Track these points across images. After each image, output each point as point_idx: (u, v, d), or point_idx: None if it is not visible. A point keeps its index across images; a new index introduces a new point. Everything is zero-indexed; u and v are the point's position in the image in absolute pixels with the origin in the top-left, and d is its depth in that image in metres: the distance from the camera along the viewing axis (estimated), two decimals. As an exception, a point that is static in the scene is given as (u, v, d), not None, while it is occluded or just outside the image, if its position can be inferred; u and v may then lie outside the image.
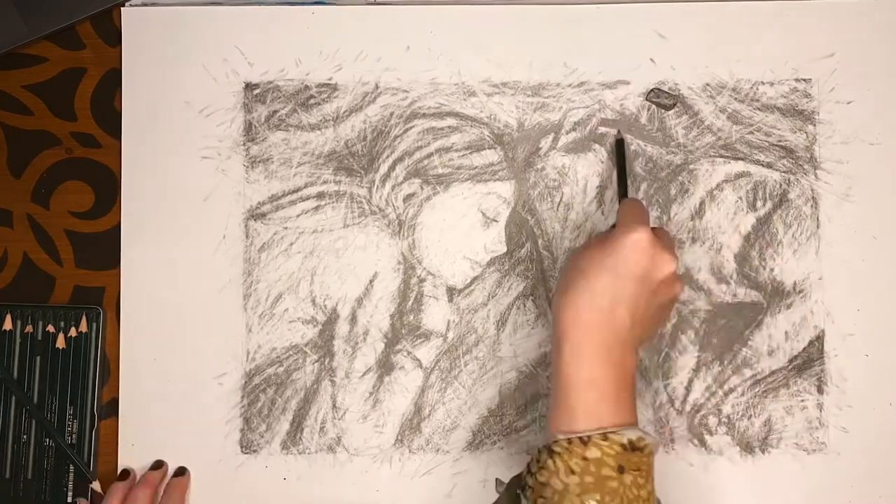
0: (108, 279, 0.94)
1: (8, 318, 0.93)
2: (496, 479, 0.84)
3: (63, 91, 0.96)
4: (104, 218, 0.95)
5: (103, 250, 0.95)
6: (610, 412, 0.74)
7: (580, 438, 0.73)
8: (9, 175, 0.96)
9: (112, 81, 0.96)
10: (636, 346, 0.78)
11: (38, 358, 0.93)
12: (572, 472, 0.72)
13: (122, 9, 0.96)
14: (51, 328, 0.93)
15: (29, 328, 0.93)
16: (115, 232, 0.94)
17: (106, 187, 0.95)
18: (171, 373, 0.93)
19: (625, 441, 0.73)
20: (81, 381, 0.93)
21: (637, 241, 0.77)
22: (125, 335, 0.93)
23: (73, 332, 0.93)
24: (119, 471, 0.92)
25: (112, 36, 0.96)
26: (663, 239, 0.81)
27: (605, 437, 0.73)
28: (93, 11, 0.96)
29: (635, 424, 0.76)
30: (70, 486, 0.92)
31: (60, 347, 0.93)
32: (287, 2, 0.96)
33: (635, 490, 0.72)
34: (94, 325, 0.93)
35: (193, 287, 0.94)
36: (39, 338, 0.93)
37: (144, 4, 0.96)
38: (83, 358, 0.93)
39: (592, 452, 0.72)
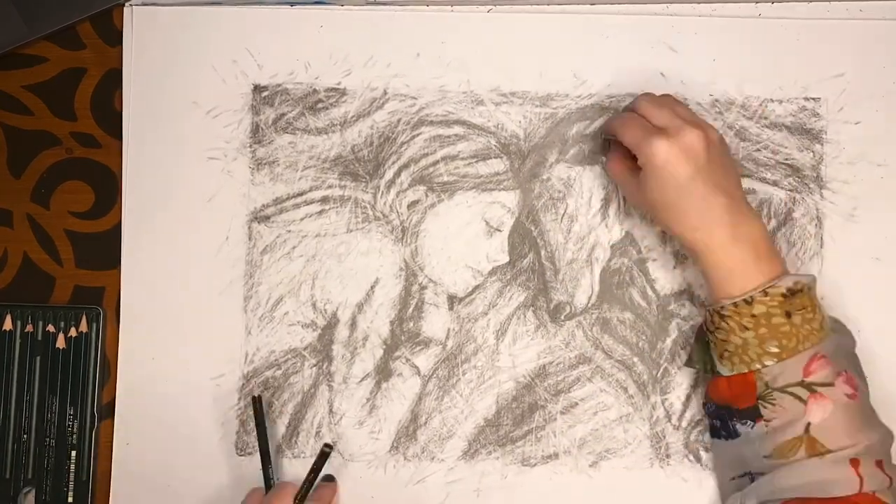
0: (108, 279, 0.94)
1: (8, 318, 0.93)
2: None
3: (63, 91, 0.96)
4: (104, 218, 0.95)
5: (103, 250, 0.94)
6: (762, 268, 0.81)
7: (744, 300, 0.79)
8: (9, 175, 0.95)
9: (112, 81, 0.95)
10: (744, 199, 0.83)
11: (38, 358, 0.92)
12: (746, 328, 0.79)
13: (123, 8, 0.95)
14: (51, 328, 0.92)
15: (29, 328, 0.93)
16: (115, 232, 0.94)
17: (106, 187, 0.95)
18: (170, 373, 0.93)
19: (783, 290, 0.79)
20: (81, 381, 0.92)
21: (662, 158, 0.81)
22: (125, 335, 0.93)
23: (73, 332, 0.92)
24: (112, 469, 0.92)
25: (112, 36, 0.96)
26: (664, 120, 0.83)
27: (765, 292, 0.79)
28: (93, 11, 0.95)
29: (785, 272, 0.82)
30: (70, 486, 0.92)
31: (60, 347, 0.92)
32: (288, 2, 0.95)
33: (806, 325, 0.80)
34: (94, 325, 0.93)
35: (194, 288, 0.93)
36: (39, 338, 0.93)
37: (145, 4, 0.95)
38: (83, 358, 0.93)
39: (758, 309, 0.79)
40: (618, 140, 0.86)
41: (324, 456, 0.86)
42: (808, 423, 0.78)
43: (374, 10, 0.95)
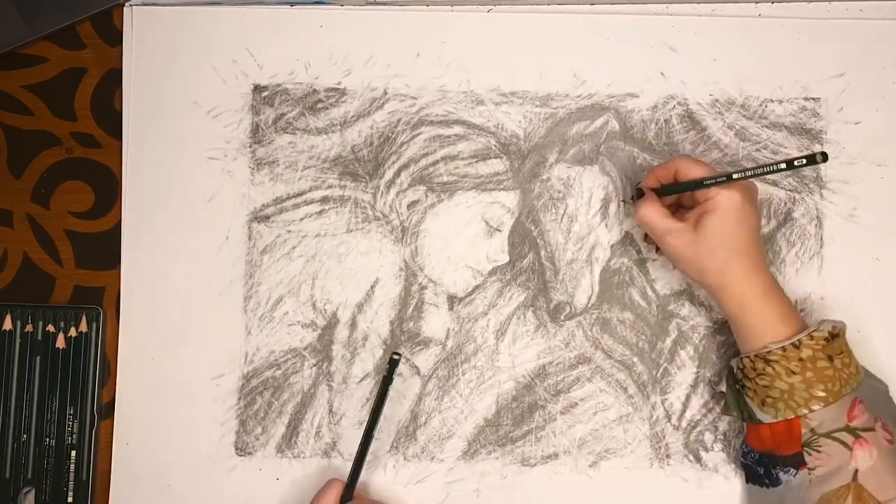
0: (108, 279, 0.94)
1: (8, 318, 0.93)
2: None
3: (63, 91, 0.96)
4: (104, 218, 0.95)
5: (103, 250, 0.94)
6: (791, 315, 0.83)
7: (793, 344, 0.81)
8: (9, 175, 0.95)
9: (112, 81, 0.96)
10: (761, 266, 0.84)
11: (38, 358, 0.92)
12: (793, 373, 0.80)
13: (123, 8, 0.95)
14: (51, 328, 0.92)
15: (29, 328, 0.93)
16: (115, 232, 0.94)
17: (106, 187, 0.95)
18: (169, 373, 0.93)
19: (826, 334, 0.81)
20: (81, 381, 0.92)
21: (738, 201, 0.82)
22: (125, 335, 0.93)
23: (73, 332, 0.92)
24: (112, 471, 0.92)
25: (112, 36, 0.96)
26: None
27: (810, 336, 0.81)
28: (93, 11, 0.95)
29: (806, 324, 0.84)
30: (70, 486, 0.92)
31: (60, 347, 0.92)
32: (288, 2, 0.95)
33: (846, 369, 0.81)
34: (94, 325, 0.93)
35: (194, 287, 0.93)
36: (39, 338, 0.93)
37: (145, 4, 0.95)
38: (83, 358, 0.93)
39: (805, 352, 0.80)
40: (652, 190, 0.86)
41: (393, 364, 0.85)
42: (856, 471, 0.79)
43: (374, 10, 0.95)
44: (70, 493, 0.92)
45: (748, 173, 0.81)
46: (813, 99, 0.94)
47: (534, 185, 0.94)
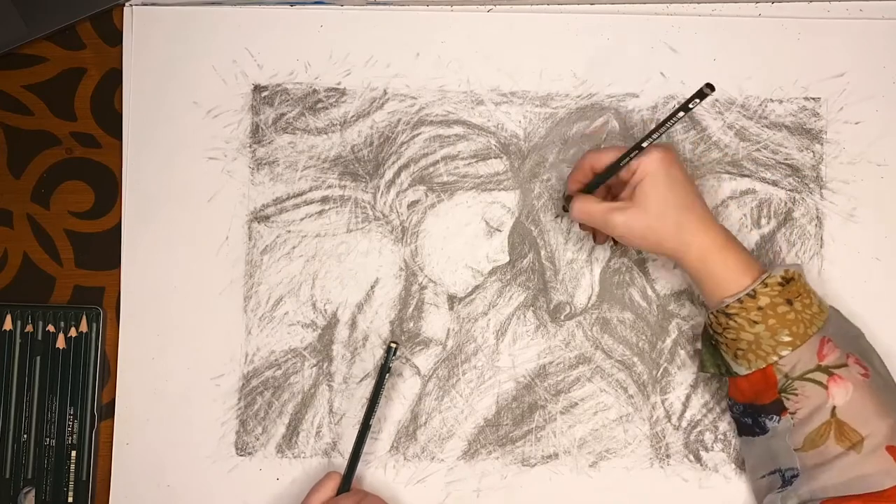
0: (108, 279, 0.94)
1: (8, 318, 0.93)
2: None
3: (63, 91, 0.96)
4: (104, 218, 0.95)
5: (103, 250, 0.94)
6: (752, 263, 0.83)
7: (747, 294, 0.80)
8: (9, 175, 0.95)
9: (112, 81, 0.96)
10: (710, 217, 0.84)
11: (38, 358, 0.92)
12: (755, 322, 0.80)
13: (123, 8, 0.95)
14: (51, 328, 0.92)
15: (29, 328, 0.93)
16: (116, 232, 0.94)
17: (106, 187, 0.95)
18: (169, 373, 0.93)
19: (779, 279, 0.81)
20: (81, 381, 0.92)
21: (660, 160, 0.82)
22: (125, 335, 0.93)
23: (73, 332, 0.92)
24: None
25: (112, 36, 0.96)
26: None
27: (764, 283, 0.81)
28: (93, 11, 0.95)
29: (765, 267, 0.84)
30: (70, 486, 0.92)
31: (60, 347, 0.92)
32: (288, 2, 0.95)
33: (807, 310, 0.81)
34: (94, 325, 0.93)
35: (194, 288, 0.93)
36: (39, 338, 0.93)
37: (145, 4, 0.95)
38: (83, 358, 0.93)
39: (763, 300, 0.80)
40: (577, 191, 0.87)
41: (390, 351, 0.85)
42: (834, 407, 0.79)
43: (374, 10, 0.95)
44: (70, 494, 0.92)
45: (654, 135, 0.81)
46: (813, 99, 0.94)
47: (534, 184, 0.94)
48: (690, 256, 0.83)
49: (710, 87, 0.76)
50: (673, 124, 0.80)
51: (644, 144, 0.81)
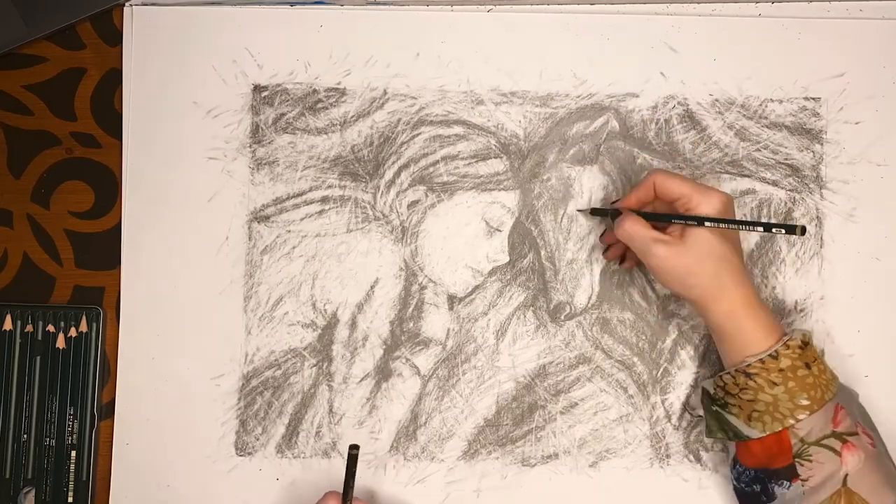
0: (108, 279, 0.94)
1: (8, 318, 0.93)
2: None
3: (63, 91, 0.96)
4: (104, 218, 0.95)
5: (103, 250, 0.94)
6: (774, 325, 0.83)
7: (770, 356, 0.81)
8: (9, 175, 0.95)
9: (112, 81, 0.96)
10: (747, 275, 0.84)
11: (38, 358, 0.92)
12: (775, 384, 0.80)
13: (123, 8, 0.95)
14: (51, 328, 0.92)
15: (29, 328, 0.93)
16: (116, 232, 0.94)
17: (106, 187, 0.95)
18: (169, 373, 0.93)
19: (799, 342, 0.82)
20: (81, 381, 0.92)
21: (726, 208, 0.83)
22: (125, 335, 0.93)
23: (73, 332, 0.93)
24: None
25: (112, 36, 0.96)
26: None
27: (786, 345, 0.81)
28: (93, 11, 0.95)
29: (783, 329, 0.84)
30: (70, 486, 0.92)
31: (60, 347, 0.92)
32: (288, 2, 0.95)
33: (823, 376, 0.82)
34: (94, 325, 0.93)
35: (194, 288, 0.93)
36: (39, 338, 0.93)
37: (145, 4, 0.95)
38: (83, 358, 0.93)
39: (784, 362, 0.80)
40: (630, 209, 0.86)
41: (352, 458, 0.85)
42: (846, 475, 0.79)
43: (374, 10, 0.95)
44: (70, 494, 0.92)
45: (720, 225, 0.81)
46: (813, 99, 0.94)
47: (534, 184, 0.94)
48: (719, 308, 0.82)
49: (804, 230, 0.78)
50: (744, 229, 0.84)
51: (707, 224, 0.81)
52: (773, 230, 0.79)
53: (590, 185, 0.94)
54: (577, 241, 0.93)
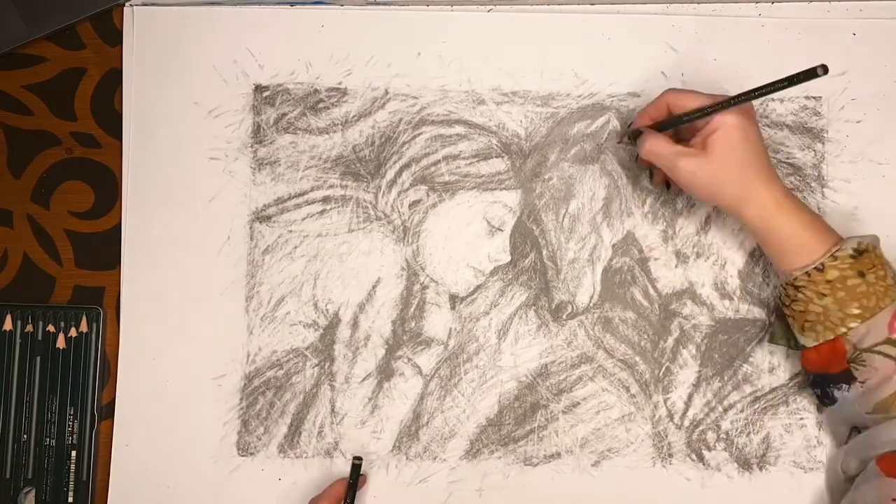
0: (108, 279, 0.94)
1: (8, 318, 0.93)
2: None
3: (63, 91, 0.96)
4: (104, 218, 0.95)
5: (103, 250, 0.94)
6: (821, 230, 0.82)
7: (815, 268, 0.81)
8: (9, 175, 0.95)
9: (112, 81, 0.96)
10: (775, 177, 0.84)
11: (38, 358, 0.92)
12: (823, 295, 0.80)
13: (123, 8, 0.95)
14: (51, 328, 0.92)
15: (29, 328, 0.93)
16: (115, 232, 0.94)
17: (106, 187, 0.95)
18: (170, 373, 0.93)
19: (850, 251, 0.81)
20: (81, 381, 0.92)
21: (739, 120, 0.82)
22: (125, 335, 0.93)
23: (73, 333, 0.92)
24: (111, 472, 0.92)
25: (112, 36, 0.96)
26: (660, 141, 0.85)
27: (833, 256, 0.80)
28: (93, 11, 0.95)
29: (840, 237, 0.83)
30: (70, 486, 0.92)
31: (60, 347, 0.92)
32: (288, 2, 0.95)
33: (881, 283, 0.81)
34: (94, 325, 0.93)
35: (196, 288, 0.93)
36: (39, 338, 0.93)
37: (145, 4, 0.95)
38: (83, 358, 0.92)
39: (831, 274, 0.80)
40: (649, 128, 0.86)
41: (355, 468, 0.87)
42: None
43: (374, 10, 0.95)
44: (70, 494, 0.92)
45: (747, 95, 0.81)
46: (814, 98, 0.94)
47: (535, 184, 0.94)
48: (750, 212, 0.82)
49: (825, 68, 0.77)
50: (772, 91, 0.80)
51: (734, 102, 0.81)
52: (795, 82, 0.78)
53: (591, 185, 0.94)
54: (579, 241, 0.93)
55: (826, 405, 0.86)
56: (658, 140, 0.84)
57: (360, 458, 0.88)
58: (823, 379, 0.84)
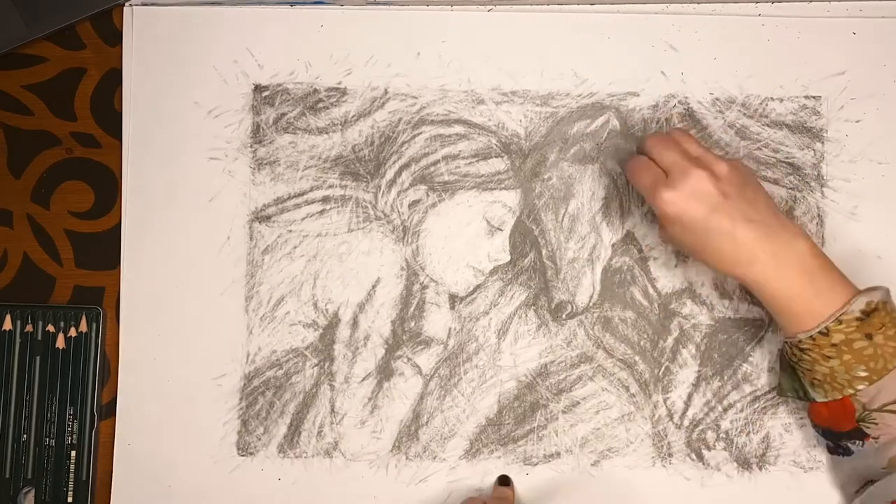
0: (108, 279, 0.94)
1: (8, 318, 0.93)
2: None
3: (63, 91, 0.96)
4: (104, 218, 0.95)
5: (103, 250, 0.94)
6: (829, 299, 0.79)
7: (820, 332, 0.78)
8: (9, 175, 0.95)
9: (112, 81, 0.96)
10: (780, 223, 0.81)
11: (38, 358, 0.92)
12: (829, 357, 0.78)
13: (123, 8, 0.95)
14: (51, 328, 0.92)
15: (29, 328, 0.92)
16: (116, 232, 0.94)
17: (106, 187, 0.95)
18: (170, 373, 0.93)
19: (857, 314, 0.77)
20: (81, 381, 0.92)
21: (671, 208, 0.80)
22: (125, 335, 0.93)
23: (73, 332, 0.92)
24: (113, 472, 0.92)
25: (112, 36, 0.96)
26: (676, 166, 0.82)
27: (839, 320, 0.77)
28: (93, 11, 0.95)
29: (855, 292, 0.79)
30: (70, 486, 0.92)
31: (60, 347, 0.92)
32: (288, 2, 0.95)
33: (890, 343, 0.77)
34: (94, 325, 0.93)
35: (195, 287, 0.93)
36: (39, 338, 0.92)
37: (145, 4, 0.95)
38: (83, 358, 0.92)
39: (836, 338, 0.77)
40: None
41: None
42: None
43: (374, 10, 0.95)
44: (70, 494, 0.92)
45: None
46: (813, 97, 0.94)
47: (535, 184, 0.94)
48: (743, 281, 0.81)
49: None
50: None
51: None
52: None
53: (591, 184, 0.94)
54: (579, 241, 0.93)
55: (839, 455, 0.85)
56: (644, 165, 0.84)
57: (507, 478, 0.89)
58: (833, 435, 0.83)
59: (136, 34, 0.95)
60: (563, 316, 0.93)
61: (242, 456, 0.92)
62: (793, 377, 0.84)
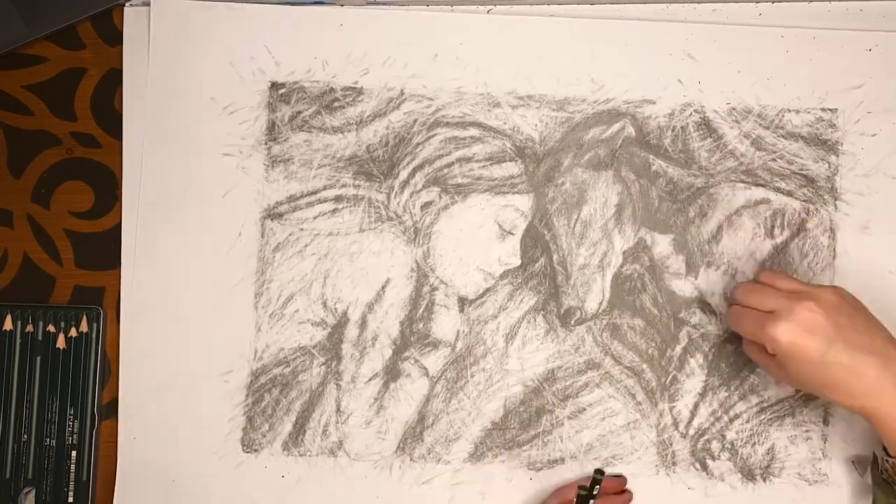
0: (108, 279, 0.94)
1: (8, 318, 0.92)
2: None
3: (63, 91, 0.95)
4: (104, 218, 0.94)
5: (103, 250, 0.94)
6: None
7: None
8: (9, 175, 0.95)
9: (112, 81, 0.95)
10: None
11: (39, 358, 0.92)
12: None
13: (123, 8, 0.95)
14: (51, 328, 0.92)
15: (29, 328, 0.92)
16: (116, 232, 0.94)
17: (106, 187, 0.95)
18: (178, 368, 0.92)
19: None
20: (82, 381, 0.92)
21: (786, 344, 0.79)
22: (129, 330, 0.93)
23: (73, 333, 0.92)
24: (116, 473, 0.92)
25: (112, 36, 0.95)
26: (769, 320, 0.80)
27: None
28: (93, 11, 0.95)
29: None
30: (70, 486, 0.92)
31: (61, 347, 0.92)
32: (289, 2, 0.94)
33: None
34: (94, 325, 0.92)
35: (205, 283, 0.93)
36: (40, 338, 0.92)
37: (145, 4, 0.94)
38: (83, 358, 0.92)
39: None
40: None
41: (595, 482, 0.85)
42: None
43: (393, 11, 0.94)
44: (70, 494, 0.92)
45: None
46: (830, 110, 0.94)
47: (548, 189, 0.93)
48: (863, 413, 0.78)
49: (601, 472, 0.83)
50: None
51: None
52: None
53: (604, 191, 0.93)
54: (590, 247, 0.93)
55: None
56: (747, 347, 0.85)
57: (601, 473, 0.85)
58: None
59: (135, 34, 0.94)
60: (572, 322, 0.93)
61: (247, 452, 0.92)
62: (889, 493, 0.82)
